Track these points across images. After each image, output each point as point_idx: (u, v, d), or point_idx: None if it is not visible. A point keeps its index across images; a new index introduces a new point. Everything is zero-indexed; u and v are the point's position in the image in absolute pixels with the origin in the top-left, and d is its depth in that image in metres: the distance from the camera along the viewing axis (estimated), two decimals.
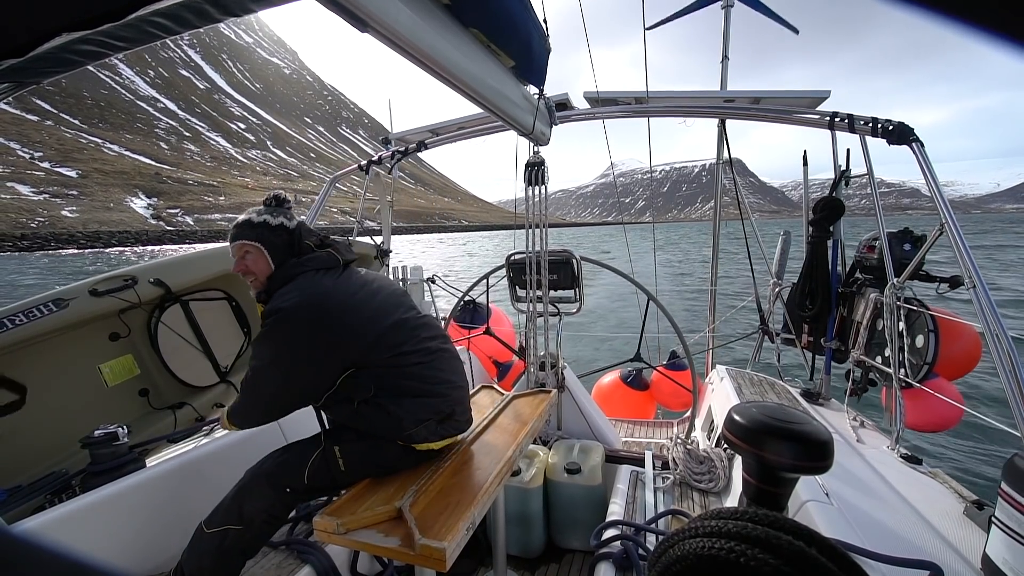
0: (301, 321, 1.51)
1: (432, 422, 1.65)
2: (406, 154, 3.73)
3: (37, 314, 2.09)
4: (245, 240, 1.62)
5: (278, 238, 1.64)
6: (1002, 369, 1.81)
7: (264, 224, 1.64)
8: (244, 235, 1.63)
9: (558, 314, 3.15)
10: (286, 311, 1.51)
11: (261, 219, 1.64)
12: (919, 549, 1.51)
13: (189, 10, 0.87)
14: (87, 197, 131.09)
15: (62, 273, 34.56)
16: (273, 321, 1.51)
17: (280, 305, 1.52)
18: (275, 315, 1.51)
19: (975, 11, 0.27)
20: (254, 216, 1.65)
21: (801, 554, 0.38)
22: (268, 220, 1.64)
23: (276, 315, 1.51)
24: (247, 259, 1.63)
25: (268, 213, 1.66)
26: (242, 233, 1.63)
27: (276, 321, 1.51)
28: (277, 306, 1.52)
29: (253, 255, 1.63)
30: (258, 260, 1.63)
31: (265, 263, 1.63)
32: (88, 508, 1.64)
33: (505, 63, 1.72)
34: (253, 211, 1.68)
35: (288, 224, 1.67)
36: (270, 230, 1.63)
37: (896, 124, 2.42)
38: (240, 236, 1.63)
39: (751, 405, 0.93)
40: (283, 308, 1.51)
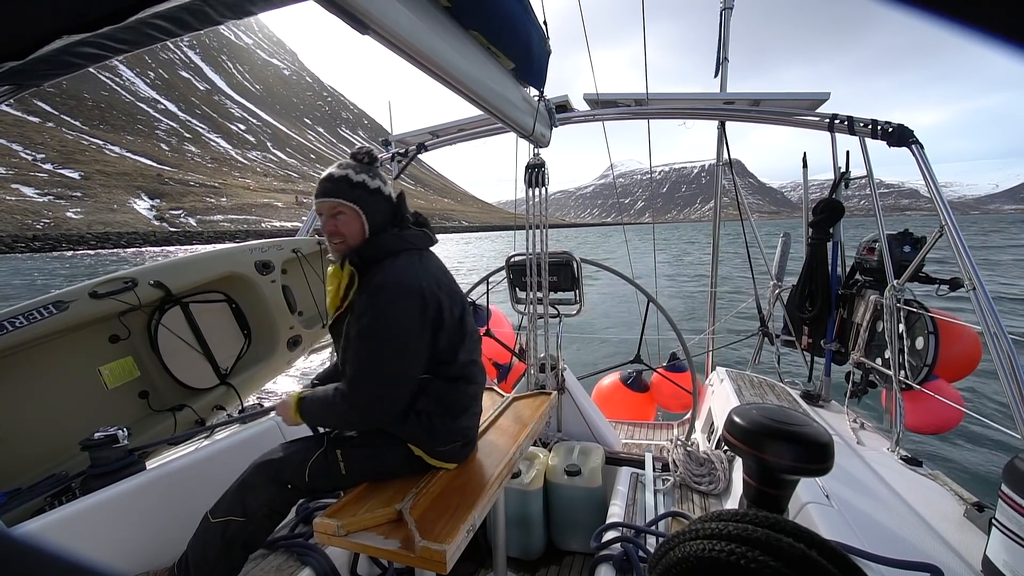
0: (416, 300, 1.46)
1: (458, 444, 1.66)
2: (406, 156, 3.73)
3: (37, 316, 2.09)
4: (342, 200, 1.49)
5: (375, 203, 1.53)
6: (1002, 371, 1.81)
7: (363, 185, 1.51)
8: (341, 193, 1.48)
9: (558, 316, 3.15)
10: (403, 287, 1.45)
11: (360, 179, 1.50)
12: (919, 551, 1.51)
13: (189, 12, 0.87)
14: (91, 199, 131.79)
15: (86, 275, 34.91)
16: (389, 296, 1.43)
17: (391, 280, 1.45)
18: (390, 289, 1.44)
19: (973, 12, 0.27)
20: (351, 173, 1.50)
21: (802, 556, 0.38)
22: (367, 181, 1.51)
23: (391, 289, 1.44)
24: (339, 219, 1.50)
25: (365, 173, 1.53)
26: (338, 190, 1.48)
27: (393, 297, 1.43)
28: (389, 281, 1.45)
29: (347, 216, 1.50)
30: (351, 222, 1.51)
31: (359, 227, 1.52)
32: (88, 510, 1.64)
33: (505, 65, 1.73)
34: (348, 167, 1.53)
35: (384, 189, 1.56)
36: (368, 192, 1.52)
37: (896, 126, 2.42)
38: (335, 193, 1.48)
39: (751, 407, 0.93)
40: (400, 283, 1.45)
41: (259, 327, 3.07)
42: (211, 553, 1.50)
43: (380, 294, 1.44)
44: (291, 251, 3.24)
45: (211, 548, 1.50)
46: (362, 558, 2.00)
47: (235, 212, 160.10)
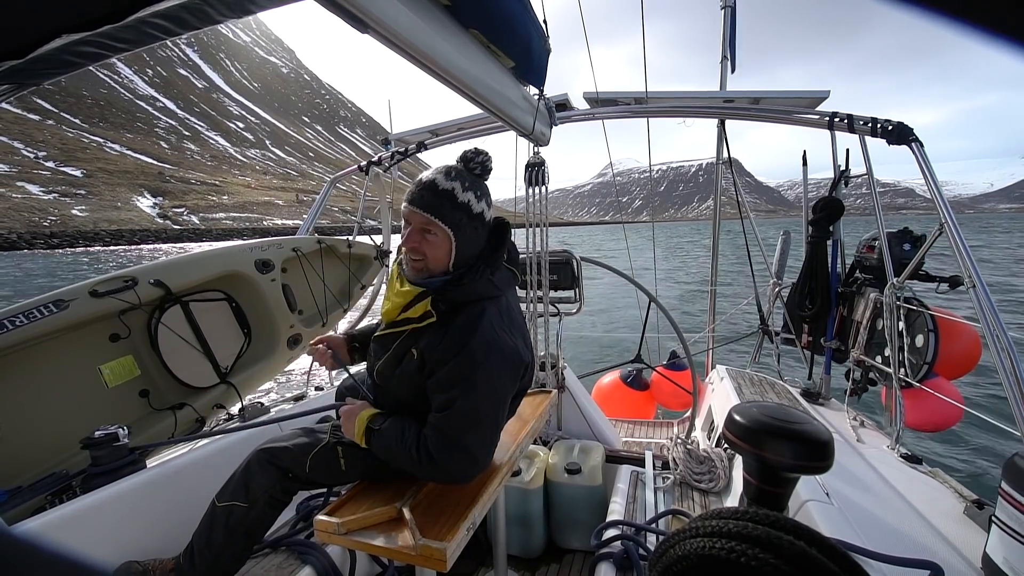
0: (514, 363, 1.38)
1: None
2: (406, 155, 3.73)
3: (37, 315, 2.09)
4: (437, 219, 1.29)
5: (473, 231, 1.35)
6: (1002, 368, 1.81)
7: (466, 208, 1.31)
8: (440, 212, 1.29)
9: (558, 314, 3.15)
10: (505, 350, 1.35)
11: (465, 199, 1.30)
12: (920, 548, 1.51)
13: (188, 11, 0.87)
14: (95, 196, 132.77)
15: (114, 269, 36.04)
16: (493, 356, 1.32)
17: (498, 343, 1.33)
18: (494, 351, 1.32)
19: (972, 10, 0.27)
20: (458, 188, 1.30)
21: (802, 554, 0.38)
22: (471, 203, 1.31)
23: (495, 351, 1.32)
24: (427, 238, 1.32)
25: (473, 190, 1.32)
26: (436, 206, 1.29)
27: (496, 357, 1.32)
28: (489, 339, 1.32)
29: (437, 239, 1.32)
30: (439, 247, 1.33)
31: (445, 253, 1.34)
32: (88, 509, 1.64)
33: (505, 64, 1.72)
34: (456, 177, 1.32)
35: (486, 214, 1.37)
36: (469, 218, 1.32)
37: (895, 124, 2.42)
38: (433, 210, 1.29)
39: (751, 405, 0.93)
40: (501, 346, 1.34)
41: (259, 326, 3.07)
42: (215, 540, 1.52)
43: (478, 356, 1.30)
44: (291, 250, 3.24)
45: (216, 533, 1.52)
46: (362, 556, 2.00)
47: (237, 210, 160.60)
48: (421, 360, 1.38)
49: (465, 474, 1.38)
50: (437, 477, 1.41)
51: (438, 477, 1.40)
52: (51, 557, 0.26)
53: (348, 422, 1.48)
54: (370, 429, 1.43)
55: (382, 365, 1.49)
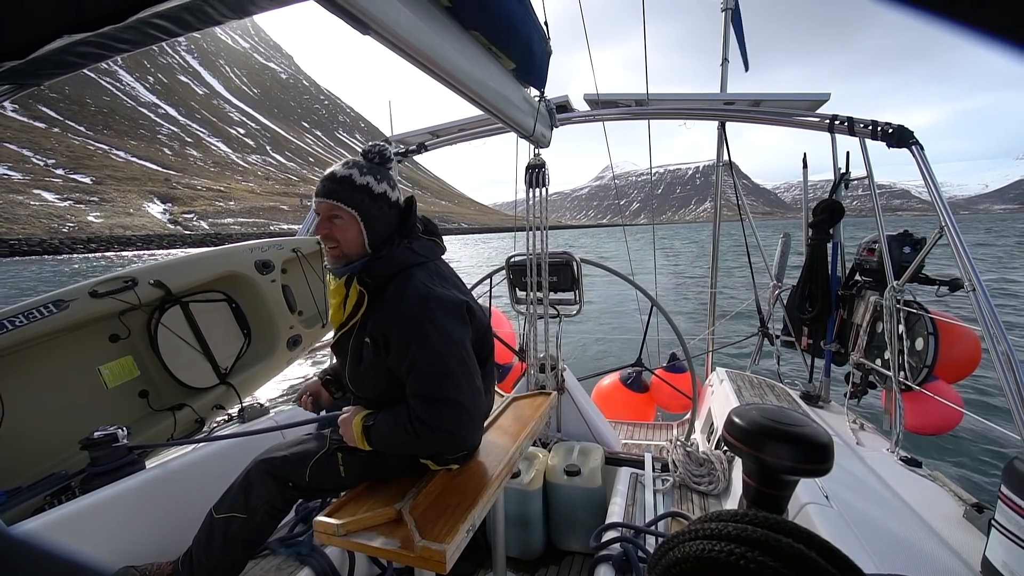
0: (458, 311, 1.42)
1: (464, 454, 1.66)
2: (406, 156, 3.73)
3: (37, 315, 2.09)
4: (340, 202, 1.37)
5: (377, 209, 1.42)
6: (1002, 372, 1.81)
7: (366, 189, 1.39)
8: (339, 195, 1.37)
9: (558, 316, 3.15)
10: (444, 299, 1.39)
11: (363, 181, 1.39)
12: (918, 552, 1.51)
13: (189, 12, 0.87)
14: (108, 203, 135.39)
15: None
16: (433, 308, 1.36)
17: (433, 293, 1.39)
18: (433, 303, 1.37)
19: (967, 11, 0.27)
20: (356, 175, 1.39)
21: (801, 556, 0.38)
22: (371, 184, 1.40)
23: (433, 302, 1.37)
24: (335, 224, 1.40)
25: (372, 174, 1.41)
26: (338, 192, 1.37)
27: (436, 308, 1.36)
28: (430, 294, 1.38)
29: (344, 222, 1.39)
30: (348, 228, 1.40)
31: (356, 235, 1.41)
32: (87, 509, 1.64)
33: (506, 65, 1.72)
34: (353, 166, 1.41)
35: (390, 195, 1.45)
36: (371, 198, 1.40)
37: (896, 127, 2.42)
38: (334, 195, 1.37)
39: (751, 407, 0.93)
40: (439, 296, 1.39)
41: (259, 326, 3.07)
42: (214, 549, 1.51)
43: (417, 312, 1.35)
44: (291, 250, 3.24)
45: (214, 544, 1.51)
46: (361, 558, 2.00)
47: (244, 215, 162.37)
48: (375, 344, 1.41)
49: (460, 424, 1.37)
50: (439, 441, 1.40)
51: (440, 440, 1.39)
52: (50, 558, 0.26)
53: (346, 429, 1.50)
54: (366, 427, 1.45)
55: (349, 370, 1.52)
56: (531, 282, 2.93)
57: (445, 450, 1.43)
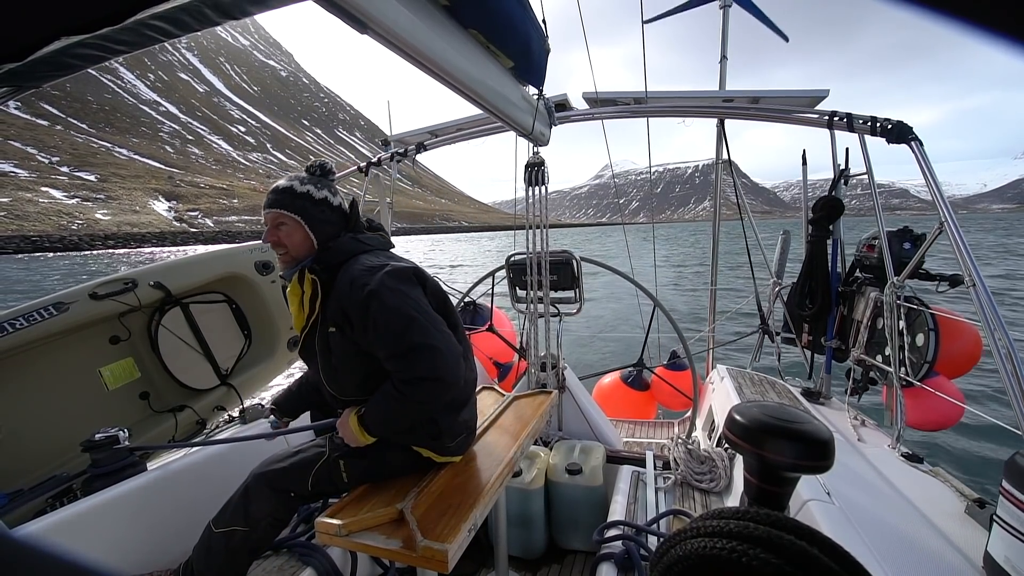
0: (411, 276, 1.48)
1: (463, 437, 1.67)
2: (405, 156, 3.73)
3: (37, 318, 2.09)
4: (283, 210, 1.49)
5: (320, 213, 1.52)
6: (1002, 367, 1.81)
7: (307, 196, 1.51)
8: (283, 204, 1.49)
9: (558, 315, 3.15)
10: (394, 268, 1.45)
11: (304, 189, 1.51)
12: (921, 548, 1.51)
13: (188, 13, 0.87)
14: (114, 200, 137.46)
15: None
16: (384, 277, 1.41)
17: (382, 265, 1.45)
18: (383, 274, 1.42)
19: (968, 8, 0.27)
20: (296, 184, 1.51)
21: (803, 553, 0.38)
22: (311, 192, 1.52)
23: (384, 274, 1.42)
24: (281, 230, 1.51)
25: (312, 183, 1.53)
26: (280, 201, 1.49)
27: (388, 277, 1.42)
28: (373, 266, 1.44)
29: (289, 227, 1.50)
30: (293, 233, 1.51)
31: (303, 237, 1.51)
32: (89, 511, 1.64)
33: (504, 64, 1.72)
34: (295, 178, 1.54)
35: (332, 200, 1.56)
36: (312, 203, 1.51)
37: (895, 123, 2.42)
38: (277, 204, 1.49)
39: (752, 405, 0.92)
40: (389, 266, 1.45)
41: (259, 327, 3.07)
42: (215, 562, 1.49)
43: (369, 281, 1.40)
44: None
45: (215, 557, 1.49)
46: (363, 558, 2.00)
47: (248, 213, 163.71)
48: (338, 327, 1.47)
49: (437, 367, 1.37)
50: (426, 392, 1.40)
51: (427, 390, 1.39)
52: (52, 561, 0.26)
53: (345, 431, 1.52)
54: (360, 418, 1.48)
55: (323, 368, 1.56)
56: (531, 281, 2.93)
57: (435, 400, 1.42)
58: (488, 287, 4.17)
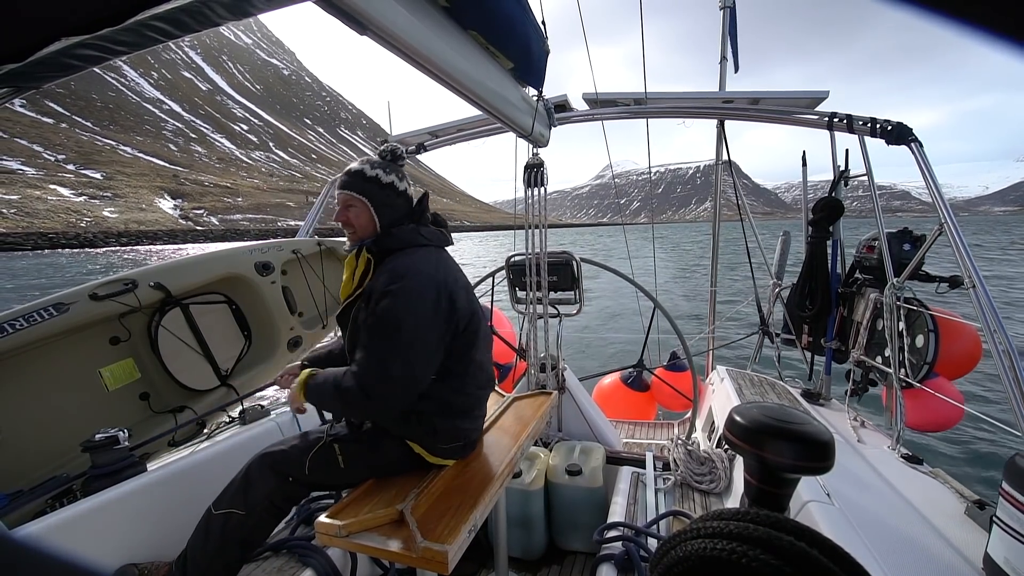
0: (435, 292, 1.51)
1: (459, 445, 1.67)
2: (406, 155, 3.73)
3: (37, 318, 2.09)
4: (352, 192, 1.59)
5: (386, 196, 1.61)
6: (1002, 368, 1.81)
7: (375, 180, 1.59)
8: (352, 186, 1.59)
9: (558, 315, 3.15)
10: (426, 275, 1.50)
11: (374, 173, 1.60)
12: (920, 549, 1.51)
13: (188, 14, 0.87)
14: (121, 198, 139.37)
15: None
16: (412, 281, 1.47)
17: (412, 267, 1.50)
18: (407, 278, 1.47)
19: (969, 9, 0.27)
20: (367, 168, 1.60)
21: (803, 555, 0.38)
22: (380, 176, 1.60)
23: (408, 278, 1.47)
24: (350, 211, 1.60)
25: (381, 168, 1.61)
26: (351, 183, 1.59)
27: (415, 282, 1.47)
28: (408, 267, 1.49)
29: (357, 209, 1.60)
30: (361, 215, 1.60)
31: (368, 219, 1.60)
32: (89, 512, 1.64)
33: (504, 65, 1.72)
34: (367, 162, 1.63)
35: (398, 185, 1.63)
36: (380, 187, 1.60)
37: (895, 124, 2.42)
38: (348, 186, 1.59)
39: (752, 406, 0.92)
40: (423, 271, 1.50)
41: (259, 328, 3.07)
42: (210, 547, 1.50)
43: (398, 281, 1.46)
44: (291, 252, 3.24)
45: (210, 542, 1.50)
46: (363, 559, 2.00)
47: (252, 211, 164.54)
48: (366, 302, 1.51)
49: (373, 384, 1.40)
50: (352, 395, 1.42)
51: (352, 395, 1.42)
52: (52, 561, 0.26)
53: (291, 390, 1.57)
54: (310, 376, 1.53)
55: (348, 338, 1.61)
56: (531, 282, 2.93)
57: (350, 405, 1.47)
58: (488, 288, 4.17)
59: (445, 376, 1.60)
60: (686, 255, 36.43)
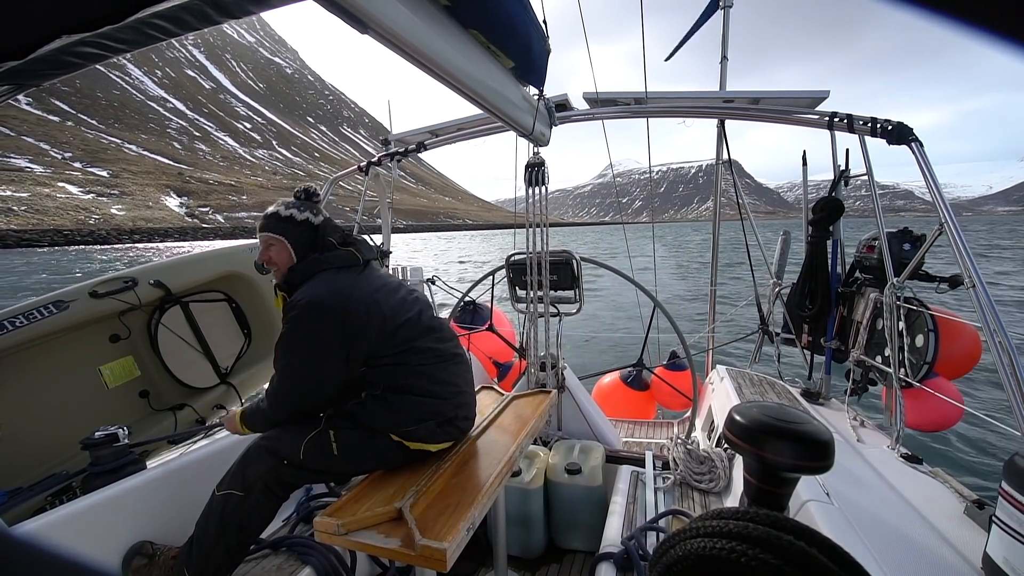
0: (322, 315, 1.58)
1: (432, 423, 1.68)
2: (406, 154, 3.73)
3: (37, 316, 2.09)
4: (270, 233, 1.71)
5: (302, 233, 1.72)
6: (1002, 368, 1.81)
7: (290, 219, 1.71)
8: (269, 227, 1.71)
9: (558, 314, 3.15)
10: (309, 305, 1.58)
11: (288, 213, 1.72)
12: (920, 548, 1.51)
13: (188, 12, 0.87)
14: (128, 196, 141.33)
15: None
16: (297, 315, 1.58)
17: (301, 300, 1.59)
18: (298, 308, 1.58)
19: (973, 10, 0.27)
20: (281, 209, 1.73)
21: (802, 554, 0.38)
22: (294, 215, 1.72)
23: (299, 308, 1.58)
24: (271, 251, 1.72)
25: (295, 207, 1.73)
26: (268, 225, 1.72)
27: (300, 315, 1.58)
28: (299, 301, 1.59)
29: (276, 247, 1.71)
30: (281, 253, 1.71)
31: (287, 256, 1.71)
32: (88, 509, 1.64)
33: (505, 64, 1.72)
34: (282, 203, 1.75)
35: (313, 220, 1.74)
36: (295, 225, 1.71)
37: (895, 124, 2.42)
38: (266, 228, 1.72)
39: (751, 405, 0.92)
40: (306, 302, 1.58)
41: (259, 326, 3.07)
42: (211, 529, 1.57)
43: (290, 312, 1.59)
44: None
45: (211, 524, 1.57)
46: (362, 556, 2.01)
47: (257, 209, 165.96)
48: None
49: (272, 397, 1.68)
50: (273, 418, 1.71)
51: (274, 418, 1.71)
52: (52, 558, 0.26)
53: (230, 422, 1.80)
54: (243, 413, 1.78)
55: None
56: (531, 281, 2.93)
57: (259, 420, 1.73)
58: (488, 286, 4.17)
59: (385, 365, 1.66)
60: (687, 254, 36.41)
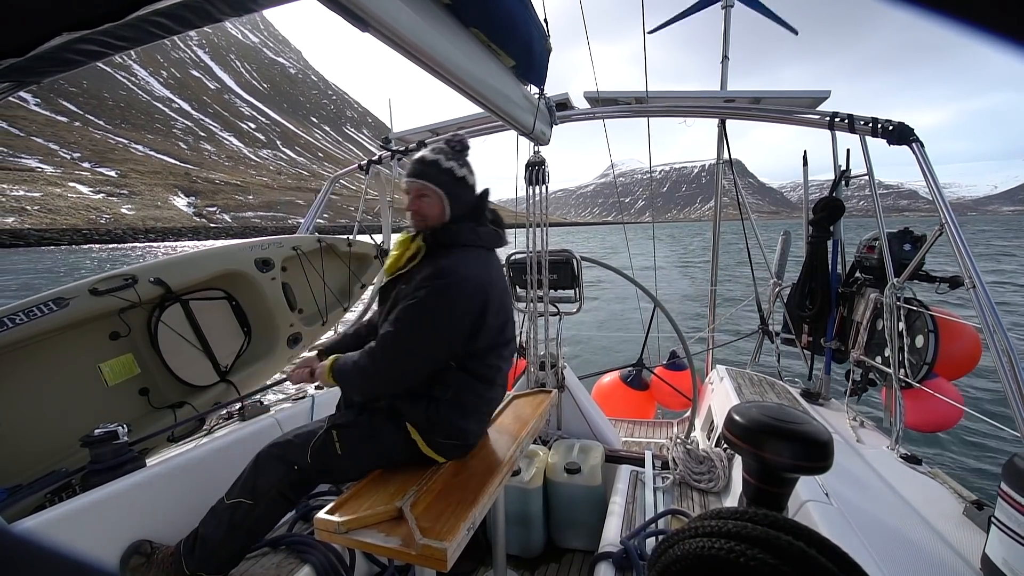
0: (474, 296, 1.53)
1: (455, 443, 1.67)
2: (406, 153, 3.72)
3: (37, 313, 2.09)
4: (426, 181, 1.57)
5: (460, 192, 1.61)
6: (1002, 369, 1.81)
7: (450, 172, 1.59)
8: (427, 175, 1.57)
9: (558, 313, 3.15)
10: (465, 281, 1.51)
11: (448, 165, 1.58)
12: (918, 549, 1.51)
13: (189, 9, 0.87)
14: (137, 196, 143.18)
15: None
16: (446, 284, 1.49)
17: (458, 271, 1.51)
18: (453, 278, 1.49)
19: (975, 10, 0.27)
20: (441, 159, 1.58)
21: (801, 554, 0.38)
22: (454, 169, 1.60)
23: (455, 279, 1.49)
24: (423, 201, 1.59)
25: (454, 160, 1.61)
26: (425, 172, 1.58)
27: (450, 286, 1.49)
28: (455, 271, 1.50)
29: (430, 200, 1.59)
30: (434, 206, 1.59)
31: (441, 211, 1.60)
32: (88, 507, 1.64)
33: (505, 63, 1.72)
34: (441, 152, 1.60)
35: (470, 180, 1.64)
36: (454, 180, 1.60)
37: (896, 124, 2.42)
38: (422, 175, 1.58)
39: (751, 405, 0.92)
40: (461, 277, 1.50)
41: (259, 325, 3.07)
42: (217, 534, 1.57)
43: (441, 278, 1.49)
44: (291, 249, 3.24)
45: (220, 528, 1.57)
46: (362, 555, 2.01)
47: (263, 209, 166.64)
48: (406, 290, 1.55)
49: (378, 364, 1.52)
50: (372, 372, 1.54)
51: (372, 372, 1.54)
52: (51, 556, 0.26)
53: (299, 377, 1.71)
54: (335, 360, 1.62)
55: (381, 316, 1.65)
56: (531, 280, 2.93)
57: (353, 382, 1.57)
58: None
59: (465, 371, 1.62)
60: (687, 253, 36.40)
